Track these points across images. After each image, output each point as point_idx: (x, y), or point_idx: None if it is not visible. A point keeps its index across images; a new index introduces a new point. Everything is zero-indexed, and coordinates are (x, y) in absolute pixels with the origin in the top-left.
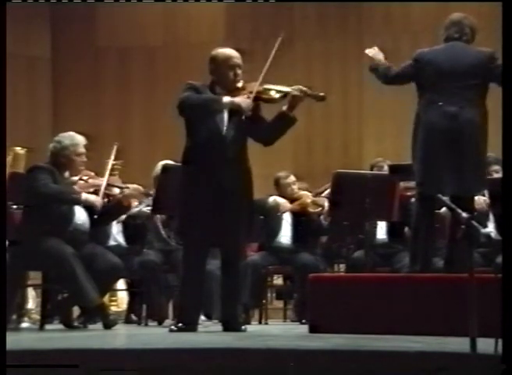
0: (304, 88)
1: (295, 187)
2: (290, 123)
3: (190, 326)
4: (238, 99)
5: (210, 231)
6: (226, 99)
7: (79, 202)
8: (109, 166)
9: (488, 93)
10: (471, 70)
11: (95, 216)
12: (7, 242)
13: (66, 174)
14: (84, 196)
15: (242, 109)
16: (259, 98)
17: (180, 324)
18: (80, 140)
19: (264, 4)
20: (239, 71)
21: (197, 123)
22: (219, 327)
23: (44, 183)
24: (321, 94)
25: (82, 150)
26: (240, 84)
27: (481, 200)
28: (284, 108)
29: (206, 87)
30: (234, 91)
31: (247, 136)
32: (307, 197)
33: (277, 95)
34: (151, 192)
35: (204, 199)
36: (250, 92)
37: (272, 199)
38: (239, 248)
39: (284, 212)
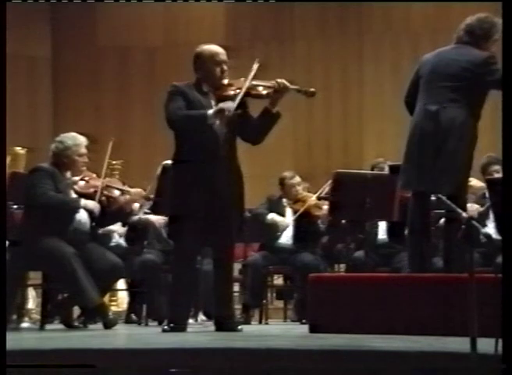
0: (293, 86)
1: (300, 187)
2: (275, 119)
3: (179, 326)
4: (220, 106)
5: (201, 231)
6: (210, 112)
7: (77, 210)
8: (106, 163)
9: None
10: (462, 72)
11: (95, 220)
12: (7, 242)
13: (68, 174)
14: (83, 202)
15: (225, 112)
16: (248, 94)
17: (170, 325)
18: (82, 140)
19: (264, 4)
20: (225, 67)
21: (185, 132)
22: None
23: (42, 191)
24: (312, 89)
25: (84, 151)
26: (226, 81)
27: (473, 207)
28: (267, 104)
29: (192, 87)
30: (221, 88)
31: (237, 134)
32: (312, 199)
33: (265, 91)
34: (152, 196)
35: (196, 199)
36: (239, 88)
37: (270, 217)
38: (231, 246)
39: (283, 231)
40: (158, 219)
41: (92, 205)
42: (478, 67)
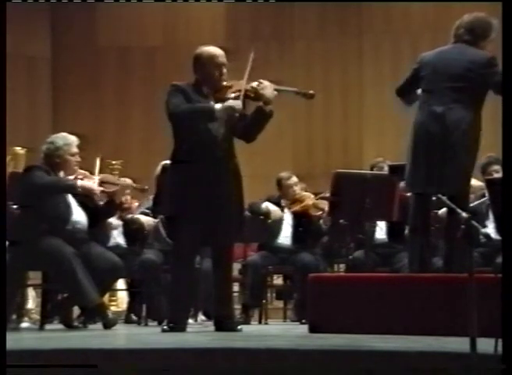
0: (277, 87)
1: (297, 187)
2: (267, 118)
3: (179, 326)
4: (228, 103)
5: (201, 231)
6: (218, 106)
7: (75, 188)
8: (97, 171)
9: (486, 95)
10: (464, 73)
11: (91, 214)
12: (7, 242)
13: (61, 174)
14: (80, 183)
15: (236, 111)
16: (247, 96)
17: (170, 325)
18: (73, 140)
19: (264, 4)
20: (224, 70)
21: (187, 127)
22: None
23: (39, 176)
24: (311, 92)
25: (75, 150)
26: (225, 83)
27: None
28: (260, 103)
29: (191, 87)
30: (221, 90)
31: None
32: (310, 199)
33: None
34: (146, 187)
35: (194, 198)
36: (239, 90)
37: (264, 206)
38: (230, 246)
39: (275, 220)
40: (147, 220)
41: (90, 185)
42: (480, 67)
